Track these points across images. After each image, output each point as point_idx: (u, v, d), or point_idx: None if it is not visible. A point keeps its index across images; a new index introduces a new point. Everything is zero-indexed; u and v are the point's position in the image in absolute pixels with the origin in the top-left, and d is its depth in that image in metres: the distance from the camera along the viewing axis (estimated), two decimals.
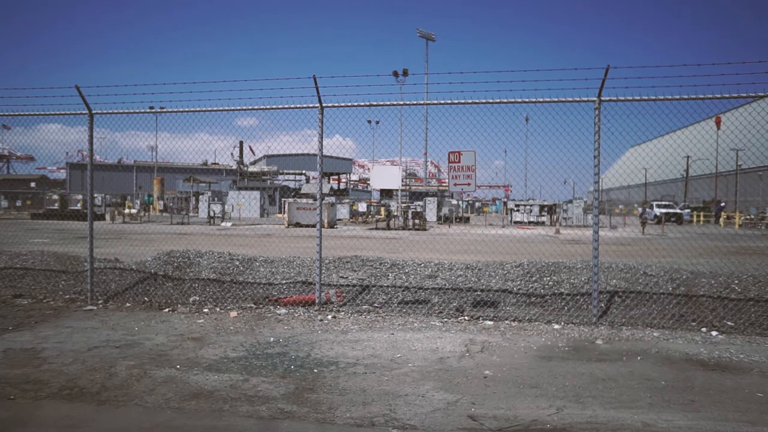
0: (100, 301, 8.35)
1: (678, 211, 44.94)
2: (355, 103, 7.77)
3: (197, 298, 8.42)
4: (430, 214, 43.46)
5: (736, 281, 8.23)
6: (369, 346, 6.11)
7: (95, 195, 15.38)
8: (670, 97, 6.94)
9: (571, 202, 42.03)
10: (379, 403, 4.47)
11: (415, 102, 8.38)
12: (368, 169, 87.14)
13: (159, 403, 4.44)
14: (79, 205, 42.88)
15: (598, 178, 7.14)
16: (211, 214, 37.26)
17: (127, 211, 38.91)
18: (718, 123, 45.07)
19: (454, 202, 46.13)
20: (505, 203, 51.87)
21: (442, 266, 9.39)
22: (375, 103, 7.76)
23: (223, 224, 34.53)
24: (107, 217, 38.05)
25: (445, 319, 7.41)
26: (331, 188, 70.37)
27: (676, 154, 56.92)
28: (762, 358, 5.72)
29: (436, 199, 47.90)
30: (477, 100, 7.44)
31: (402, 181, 47.80)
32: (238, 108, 8.12)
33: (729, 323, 7.03)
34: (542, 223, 40.13)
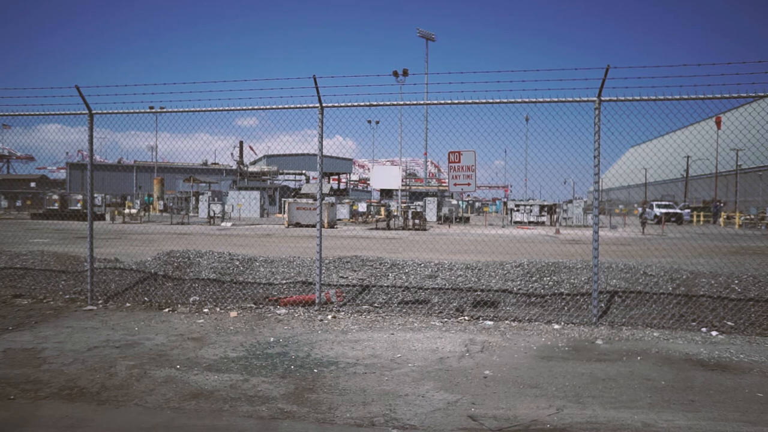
0: (100, 301, 8.34)
1: (678, 211, 44.94)
2: (355, 103, 7.77)
3: (197, 298, 8.42)
4: (430, 214, 43.47)
5: (736, 281, 8.23)
6: (369, 346, 6.11)
7: (95, 195, 15.38)
8: (670, 97, 6.93)
9: (571, 202, 42.02)
10: (379, 403, 4.47)
11: (415, 102, 8.37)
12: (368, 169, 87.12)
13: (159, 403, 4.44)
14: (79, 205, 42.91)
15: (598, 178, 7.14)
16: (211, 214, 37.25)
17: (127, 211, 38.87)
18: (718, 123, 45.03)
19: (454, 202, 46.11)
20: (505, 203, 51.86)
21: (442, 266, 9.38)
22: (375, 103, 7.76)
23: (223, 224, 34.52)
24: (107, 217, 38.03)
25: (445, 319, 7.40)
26: (331, 188, 70.33)
27: (676, 154, 56.93)
28: (762, 358, 5.72)
29: (436, 199, 47.90)
30: (477, 100, 7.43)
31: (402, 181, 47.77)
32: (238, 108, 8.12)
33: (729, 323, 7.03)
34: (542, 223, 40.12)
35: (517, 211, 41.24)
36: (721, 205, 46.41)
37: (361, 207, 47.69)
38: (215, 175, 73.60)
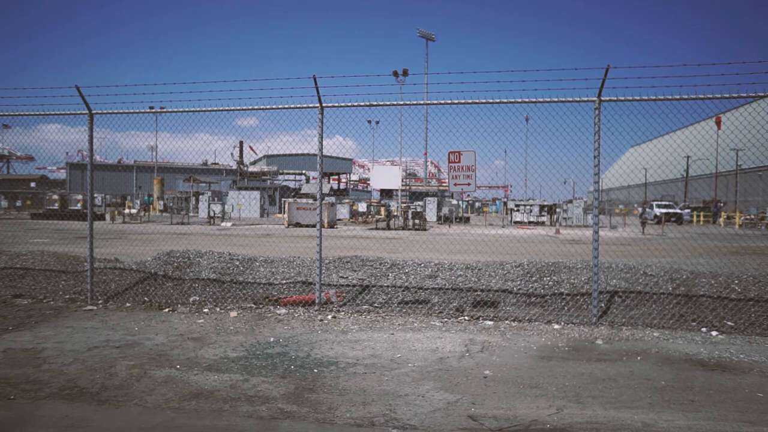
0: (100, 301, 8.34)
1: (678, 211, 44.95)
2: (355, 103, 7.77)
3: (197, 298, 8.42)
4: (430, 214, 43.47)
5: (736, 281, 8.23)
6: (369, 346, 6.11)
7: (95, 195, 15.39)
8: (670, 97, 6.93)
9: (571, 202, 42.03)
10: (379, 403, 4.47)
11: (415, 102, 8.37)
12: (368, 169, 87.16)
13: (159, 403, 4.44)
14: (79, 205, 42.92)
15: (598, 178, 7.14)
16: (211, 214, 37.26)
17: (127, 211, 38.87)
18: (718, 123, 45.04)
19: (454, 202, 46.11)
20: (505, 203, 51.87)
21: (442, 266, 9.38)
22: (375, 103, 7.76)
23: (223, 224, 34.52)
24: (107, 217, 38.03)
25: (445, 319, 7.40)
26: (331, 188, 70.33)
27: (676, 154, 56.99)
28: (762, 358, 5.72)
29: (436, 199, 47.91)
30: (477, 100, 7.43)
31: (402, 181, 47.77)
32: (238, 108, 8.13)
33: (729, 323, 7.03)
34: (542, 223, 40.12)
35: (517, 211, 41.24)
36: (721, 205, 46.42)
37: (361, 207, 47.69)
38: (215, 175, 73.64)
